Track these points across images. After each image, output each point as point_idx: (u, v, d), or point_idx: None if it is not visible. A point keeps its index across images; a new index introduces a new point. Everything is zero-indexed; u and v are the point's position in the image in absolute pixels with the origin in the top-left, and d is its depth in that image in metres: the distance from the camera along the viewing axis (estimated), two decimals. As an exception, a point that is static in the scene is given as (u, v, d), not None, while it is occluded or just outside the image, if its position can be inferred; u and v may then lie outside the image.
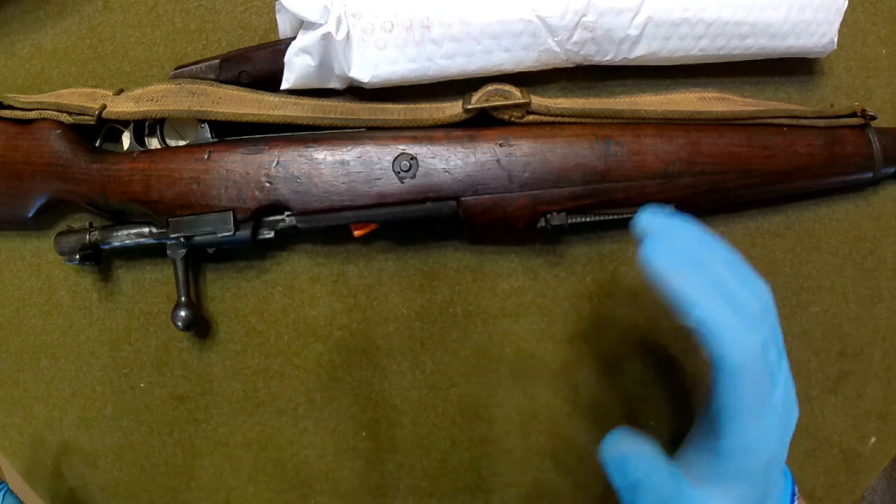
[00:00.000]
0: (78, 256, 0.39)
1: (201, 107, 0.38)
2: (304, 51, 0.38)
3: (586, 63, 0.41)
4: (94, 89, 0.41)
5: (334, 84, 0.40)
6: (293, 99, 0.40)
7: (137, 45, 0.42)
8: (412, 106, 0.40)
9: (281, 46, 0.39)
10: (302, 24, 0.38)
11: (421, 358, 0.43)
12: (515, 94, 0.38)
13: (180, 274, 0.40)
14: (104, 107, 0.39)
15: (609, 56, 0.40)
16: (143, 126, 0.40)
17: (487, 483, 0.44)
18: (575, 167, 0.38)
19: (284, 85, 0.40)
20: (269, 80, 0.40)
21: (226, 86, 0.40)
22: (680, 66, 0.42)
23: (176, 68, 0.41)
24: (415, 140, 0.38)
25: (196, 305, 0.41)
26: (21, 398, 0.44)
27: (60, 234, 0.40)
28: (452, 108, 0.39)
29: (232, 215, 0.38)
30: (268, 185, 0.38)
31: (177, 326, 0.39)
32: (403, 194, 0.38)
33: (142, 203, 0.38)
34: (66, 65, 0.42)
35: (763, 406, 0.29)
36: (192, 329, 0.42)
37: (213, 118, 0.38)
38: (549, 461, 0.44)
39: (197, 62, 0.40)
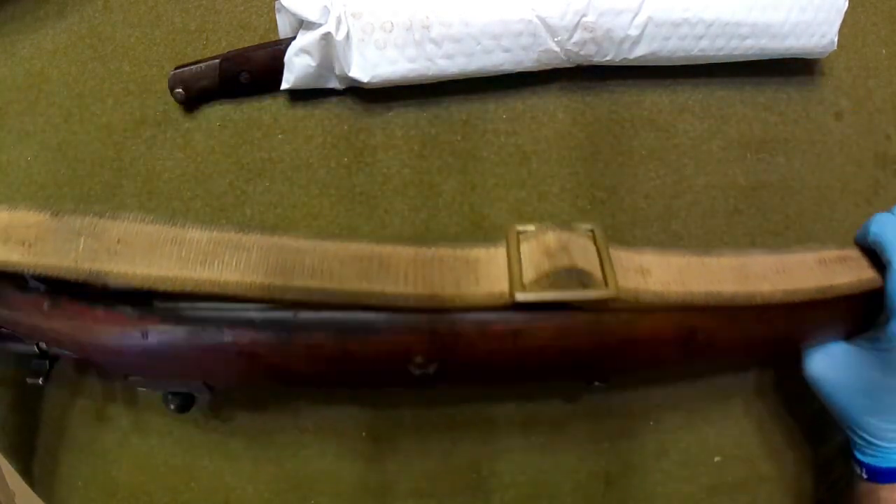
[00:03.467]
0: (41, 379, 0.32)
1: (93, 263, 0.27)
2: (304, 51, 0.38)
3: (586, 63, 0.41)
4: None
5: (334, 84, 0.40)
6: (232, 234, 0.27)
7: (137, 45, 0.42)
8: (429, 253, 0.28)
9: (281, 46, 0.39)
10: (302, 24, 0.38)
11: (421, 358, 0.43)
12: (595, 276, 0.27)
13: None
14: None
15: (609, 56, 0.40)
16: None
17: (487, 483, 0.44)
18: (646, 358, 0.31)
19: (284, 85, 0.40)
20: (269, 79, 0.40)
21: (124, 216, 0.28)
22: (680, 66, 0.42)
23: (176, 68, 0.41)
24: (434, 343, 0.27)
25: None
26: (20, 395, 0.44)
27: (2, 340, 0.32)
28: (491, 280, 0.27)
29: (203, 384, 0.32)
30: (237, 370, 0.30)
31: (170, 409, 0.35)
32: (415, 384, 0.30)
33: (87, 364, 0.31)
34: (66, 65, 0.42)
35: None
36: (188, 411, 0.36)
37: (108, 282, 0.27)
38: (549, 461, 0.44)
39: (197, 62, 0.40)
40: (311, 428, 0.43)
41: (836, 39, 0.42)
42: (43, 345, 0.32)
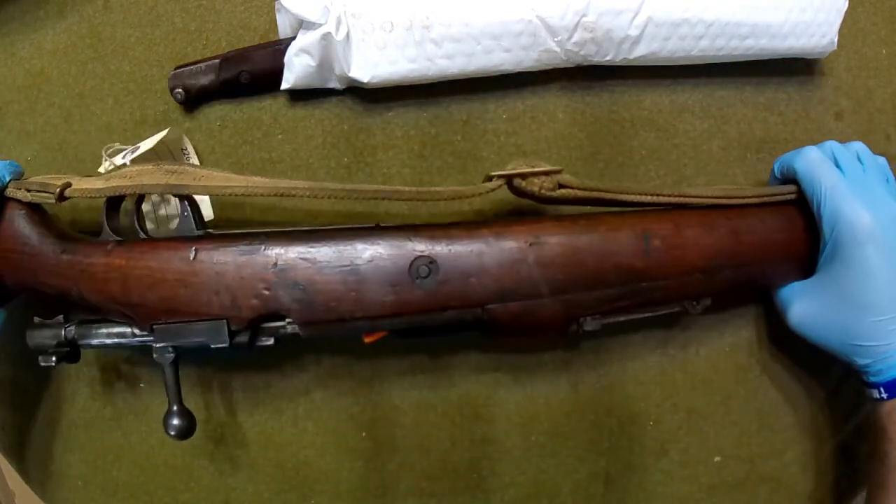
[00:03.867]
0: (54, 358, 0.35)
1: (180, 181, 0.34)
2: (304, 51, 0.38)
3: (586, 63, 0.41)
4: (65, 175, 0.37)
5: (334, 84, 0.40)
6: (285, 180, 0.36)
7: (137, 45, 0.42)
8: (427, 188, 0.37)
9: (281, 46, 0.39)
10: (302, 24, 0.38)
11: (422, 359, 0.43)
12: (544, 164, 0.35)
13: (170, 380, 0.35)
14: (68, 184, 0.34)
15: (609, 56, 0.40)
16: (118, 209, 0.36)
17: (487, 483, 0.44)
18: (612, 267, 0.35)
19: (284, 85, 0.40)
20: (269, 79, 0.40)
21: (209, 168, 0.36)
22: (680, 66, 0.42)
23: (176, 68, 0.41)
24: (433, 237, 0.34)
25: (190, 413, 0.36)
26: (20, 396, 0.44)
27: (33, 327, 0.36)
28: (473, 187, 0.35)
29: (226, 325, 0.34)
30: (266, 292, 0.33)
31: (170, 435, 0.35)
32: (422, 304, 0.34)
33: (121, 305, 0.34)
34: (66, 65, 0.42)
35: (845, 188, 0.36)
36: (188, 438, 0.37)
37: (194, 192, 0.34)
38: (549, 461, 0.44)
39: (197, 62, 0.40)
40: (311, 428, 0.43)
41: (836, 39, 0.42)
42: (71, 329, 0.36)
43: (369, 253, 0.33)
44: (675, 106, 0.44)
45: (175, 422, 0.35)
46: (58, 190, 0.34)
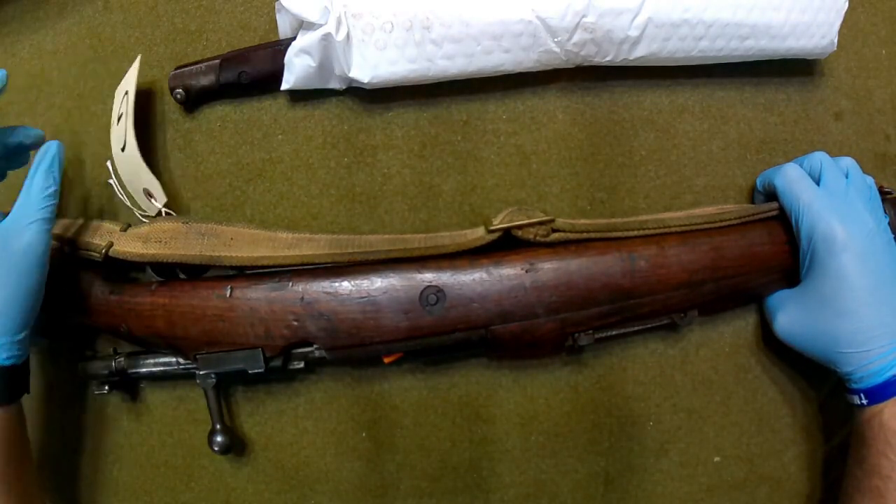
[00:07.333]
0: (106, 388, 0.40)
1: (213, 251, 0.38)
2: (304, 51, 0.38)
3: (586, 64, 0.41)
4: (101, 223, 0.40)
5: (334, 84, 0.40)
6: (307, 235, 0.39)
7: (137, 45, 0.42)
8: (433, 235, 0.40)
9: (281, 46, 0.39)
10: (302, 25, 0.38)
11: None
12: (538, 214, 0.38)
13: (212, 402, 0.39)
14: (111, 245, 0.38)
15: (609, 57, 0.40)
16: None
17: (487, 483, 0.44)
18: (601, 287, 0.37)
19: (284, 85, 0.40)
20: (269, 80, 0.40)
21: (235, 224, 0.39)
22: (680, 66, 0.42)
23: (176, 68, 0.41)
24: (439, 269, 0.37)
25: (231, 430, 0.41)
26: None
27: (85, 360, 0.40)
28: (474, 233, 0.38)
29: (261, 353, 0.38)
30: (295, 323, 0.37)
31: (214, 451, 0.40)
32: (432, 327, 0.37)
33: (166, 338, 0.38)
34: (66, 65, 0.42)
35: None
36: (230, 452, 0.42)
37: (227, 263, 0.38)
38: (549, 461, 0.44)
39: (197, 62, 0.41)
40: (311, 428, 0.43)
41: (835, 40, 0.42)
42: (121, 360, 0.40)
43: (384, 285, 0.37)
44: (675, 106, 0.44)
45: (219, 439, 0.39)
46: (103, 251, 0.38)
